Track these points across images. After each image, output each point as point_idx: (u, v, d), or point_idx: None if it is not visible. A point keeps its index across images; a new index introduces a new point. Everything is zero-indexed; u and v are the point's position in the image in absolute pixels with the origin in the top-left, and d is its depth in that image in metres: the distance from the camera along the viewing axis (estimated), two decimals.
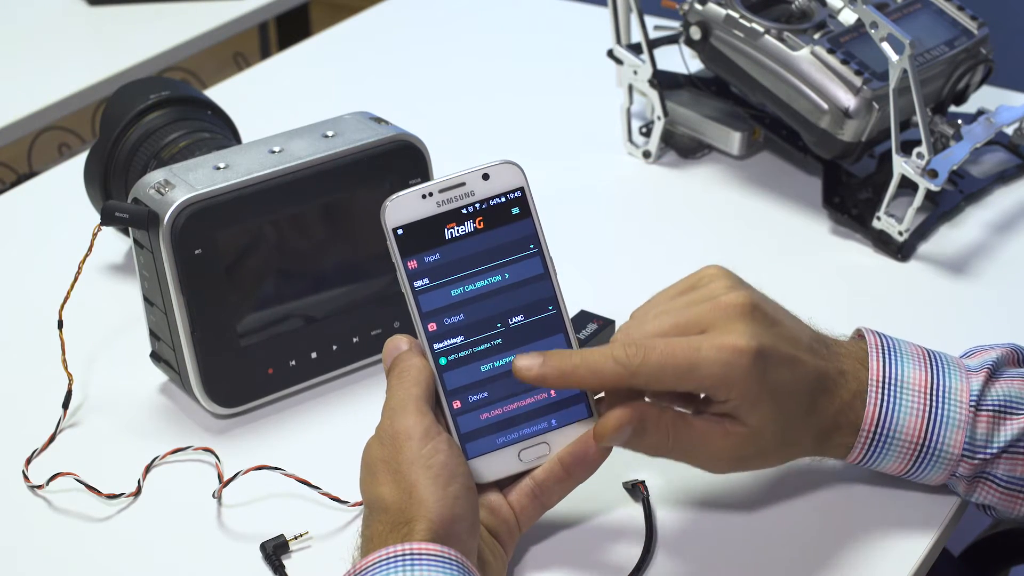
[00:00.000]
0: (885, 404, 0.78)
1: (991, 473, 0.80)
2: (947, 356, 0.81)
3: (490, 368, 0.77)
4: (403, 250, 0.76)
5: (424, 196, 0.76)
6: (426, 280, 0.76)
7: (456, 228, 0.76)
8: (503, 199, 0.77)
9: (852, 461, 0.80)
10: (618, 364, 0.73)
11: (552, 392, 0.77)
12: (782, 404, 0.76)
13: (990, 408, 0.79)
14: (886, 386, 0.78)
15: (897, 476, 0.82)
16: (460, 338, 0.77)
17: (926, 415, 0.78)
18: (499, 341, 0.77)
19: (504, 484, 0.78)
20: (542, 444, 0.78)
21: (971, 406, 0.78)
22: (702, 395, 0.77)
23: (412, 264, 0.76)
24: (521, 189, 0.77)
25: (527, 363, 0.74)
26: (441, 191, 0.76)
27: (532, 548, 0.81)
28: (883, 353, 0.80)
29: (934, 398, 0.78)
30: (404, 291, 0.76)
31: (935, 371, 0.79)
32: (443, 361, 0.76)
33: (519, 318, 0.77)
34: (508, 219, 0.77)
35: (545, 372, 0.74)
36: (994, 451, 0.78)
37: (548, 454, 0.78)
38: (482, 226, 0.77)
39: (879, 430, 0.78)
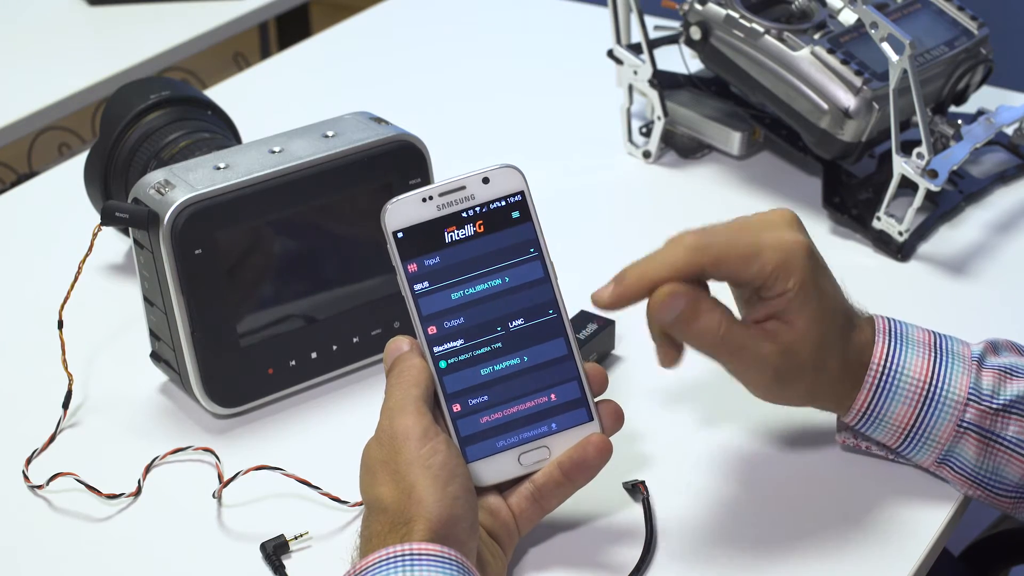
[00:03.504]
0: (893, 346, 0.81)
1: (1000, 435, 0.80)
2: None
3: (490, 372, 0.77)
4: (403, 253, 0.76)
5: (424, 200, 0.76)
6: (426, 283, 0.76)
7: (456, 232, 0.76)
8: (503, 203, 0.77)
9: (859, 410, 0.81)
10: (688, 249, 0.75)
11: (552, 396, 0.77)
12: (825, 311, 0.78)
13: (994, 368, 0.81)
14: (892, 336, 0.81)
15: (900, 441, 0.81)
16: (460, 341, 0.76)
17: (931, 360, 0.81)
18: (499, 345, 0.77)
19: (504, 487, 0.78)
20: (542, 448, 0.78)
21: (974, 360, 0.81)
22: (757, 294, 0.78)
23: (412, 267, 0.76)
24: (521, 193, 0.77)
25: (603, 293, 0.76)
26: (441, 195, 0.76)
27: (532, 548, 0.81)
28: (887, 318, 0.83)
29: (937, 351, 0.81)
30: (404, 294, 0.76)
31: (936, 335, 0.83)
32: (443, 364, 0.76)
33: (519, 322, 0.77)
34: (508, 223, 0.77)
35: (622, 292, 0.76)
36: (1001, 403, 0.80)
37: (548, 458, 0.78)
38: (482, 230, 0.76)
39: (888, 366, 0.80)
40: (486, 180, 0.77)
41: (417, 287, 0.76)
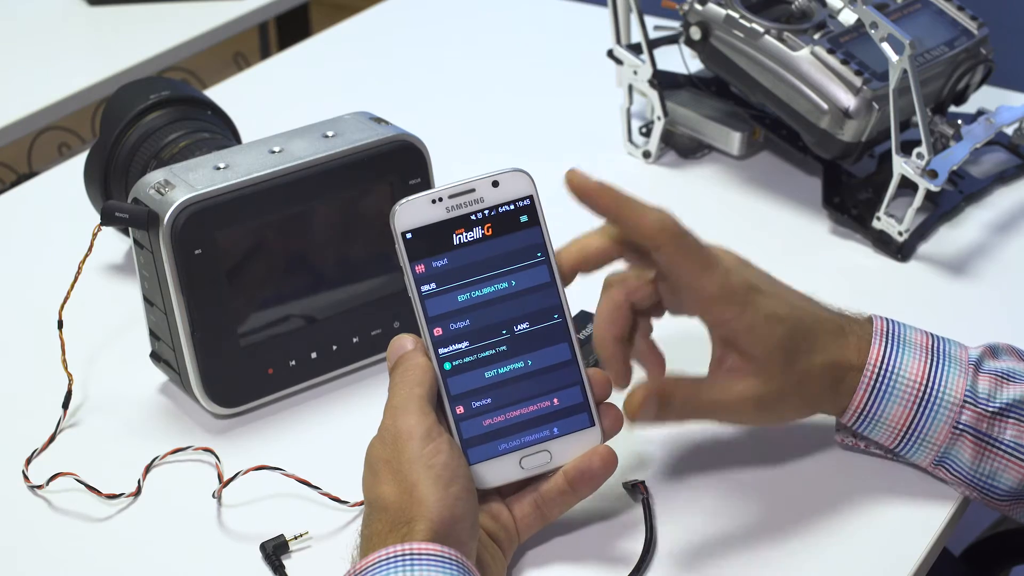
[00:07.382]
0: (889, 348, 0.81)
1: (997, 439, 0.80)
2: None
3: (494, 375, 0.77)
4: (411, 254, 0.76)
5: (434, 201, 0.76)
6: (433, 285, 0.76)
7: (464, 234, 0.76)
8: (512, 207, 0.77)
9: (855, 410, 0.81)
10: (660, 219, 0.78)
11: (555, 400, 0.78)
12: (778, 329, 0.78)
13: (991, 373, 0.81)
14: (889, 338, 0.81)
15: (897, 442, 0.82)
16: (465, 344, 0.77)
17: (928, 362, 0.81)
18: (504, 348, 0.77)
19: (506, 492, 0.78)
20: (543, 452, 0.78)
21: (971, 364, 0.81)
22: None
23: (420, 268, 0.76)
24: (530, 197, 0.77)
25: (584, 180, 0.77)
26: (451, 196, 0.76)
27: (532, 548, 0.81)
28: (886, 319, 0.83)
29: (934, 353, 0.81)
30: (411, 295, 0.76)
31: (934, 338, 0.83)
32: (447, 366, 0.76)
33: (524, 325, 0.77)
34: (516, 227, 0.77)
35: (585, 193, 0.77)
36: (997, 406, 0.80)
37: (549, 462, 0.78)
38: (490, 233, 0.77)
39: (884, 367, 0.80)
40: (496, 183, 0.77)
41: (424, 288, 0.76)
